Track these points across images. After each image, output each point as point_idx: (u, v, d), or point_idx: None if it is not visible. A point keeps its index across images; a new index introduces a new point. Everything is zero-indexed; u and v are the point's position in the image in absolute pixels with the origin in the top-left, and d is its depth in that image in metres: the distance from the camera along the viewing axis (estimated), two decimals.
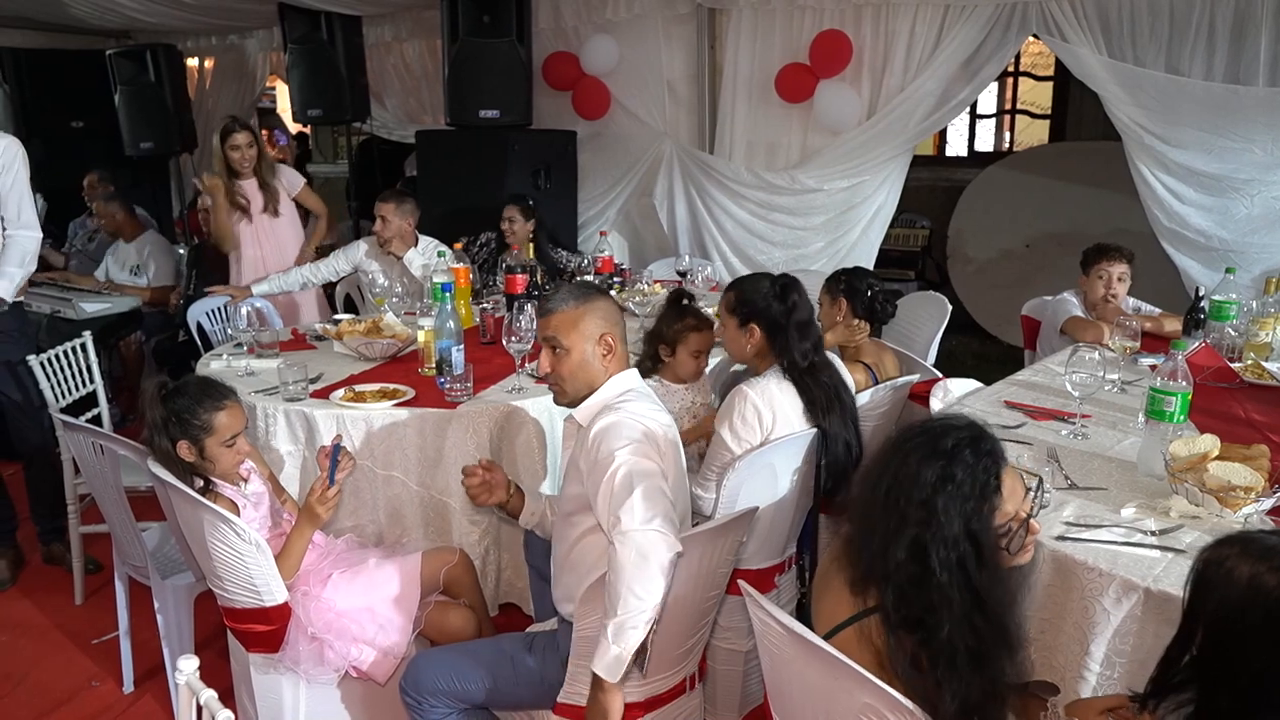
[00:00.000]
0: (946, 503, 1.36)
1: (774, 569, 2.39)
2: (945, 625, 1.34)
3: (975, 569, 1.36)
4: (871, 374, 2.80)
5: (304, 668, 2.03)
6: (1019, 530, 1.43)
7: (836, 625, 1.47)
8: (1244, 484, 1.77)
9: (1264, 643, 1.14)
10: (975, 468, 1.38)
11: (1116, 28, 3.85)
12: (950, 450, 1.39)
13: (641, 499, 1.63)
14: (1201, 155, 3.82)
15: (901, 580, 1.37)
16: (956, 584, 1.35)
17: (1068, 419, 2.34)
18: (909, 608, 1.37)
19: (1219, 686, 1.19)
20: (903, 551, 1.37)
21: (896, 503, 1.40)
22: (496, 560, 2.62)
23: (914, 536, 1.37)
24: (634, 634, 1.59)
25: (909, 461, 1.41)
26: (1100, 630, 1.61)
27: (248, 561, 1.95)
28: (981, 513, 1.37)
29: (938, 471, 1.37)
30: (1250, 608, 1.15)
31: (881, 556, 1.40)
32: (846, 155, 4.61)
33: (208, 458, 2.05)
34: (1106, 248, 3.32)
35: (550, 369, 1.89)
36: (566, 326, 1.86)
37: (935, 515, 1.36)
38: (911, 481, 1.39)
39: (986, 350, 5.94)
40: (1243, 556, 1.18)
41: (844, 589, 1.48)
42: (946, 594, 1.35)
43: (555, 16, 5.29)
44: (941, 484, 1.37)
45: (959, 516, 1.36)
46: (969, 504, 1.36)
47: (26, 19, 6.46)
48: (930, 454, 1.39)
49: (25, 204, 3.06)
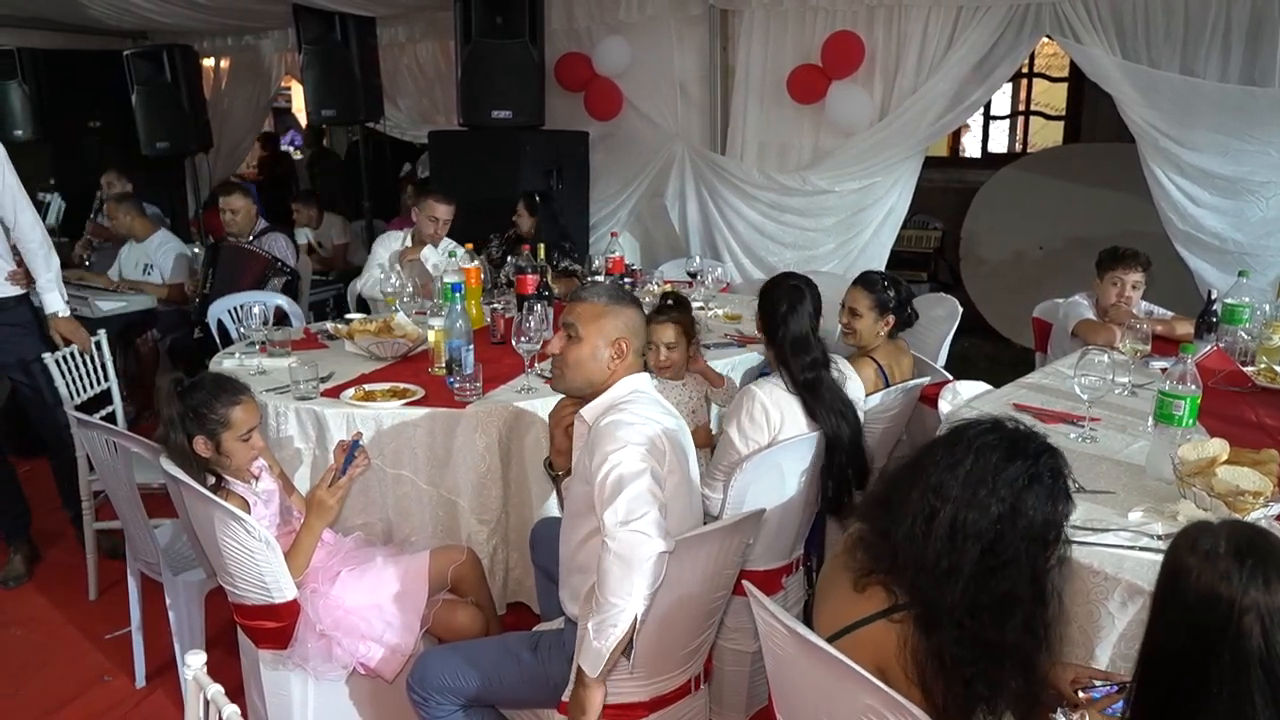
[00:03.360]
0: (1036, 502, 1.36)
1: (781, 570, 2.40)
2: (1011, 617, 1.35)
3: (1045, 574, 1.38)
4: (882, 374, 2.80)
5: (312, 664, 2.04)
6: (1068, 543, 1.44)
7: (843, 628, 1.47)
8: (1253, 488, 1.76)
9: (1160, 612, 1.14)
10: (1058, 476, 1.40)
11: (1131, 29, 3.82)
12: (1033, 452, 1.40)
13: (626, 500, 1.65)
14: (1216, 157, 3.79)
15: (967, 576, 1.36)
16: (1024, 589, 1.36)
17: (1077, 422, 2.34)
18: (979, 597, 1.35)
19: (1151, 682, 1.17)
20: (975, 545, 1.36)
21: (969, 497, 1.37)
22: (504, 559, 2.64)
23: (994, 536, 1.35)
24: (614, 631, 1.62)
25: (980, 456, 1.40)
26: (1105, 634, 1.61)
27: (257, 558, 1.97)
28: (1062, 524, 1.40)
29: (1025, 472, 1.37)
30: (1161, 576, 1.14)
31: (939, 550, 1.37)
32: (858, 156, 4.60)
33: (224, 452, 2.07)
34: (1123, 254, 3.30)
35: (558, 351, 1.92)
36: (589, 318, 1.89)
37: (1018, 517, 1.35)
38: (993, 478, 1.37)
39: (999, 353, 5.92)
40: (1181, 540, 1.16)
41: (850, 590, 1.48)
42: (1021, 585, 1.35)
43: (568, 17, 5.31)
44: (1029, 483, 1.37)
45: (1042, 519, 1.36)
46: (1052, 507, 1.38)
47: (45, 20, 6.53)
48: (1013, 452, 1.39)
49: (20, 202, 3.07)
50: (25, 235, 3.09)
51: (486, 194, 4.70)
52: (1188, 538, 1.15)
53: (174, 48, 6.21)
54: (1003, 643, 1.35)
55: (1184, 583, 1.11)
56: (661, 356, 2.67)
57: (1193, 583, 1.10)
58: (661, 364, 2.68)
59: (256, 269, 4.41)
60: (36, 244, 3.12)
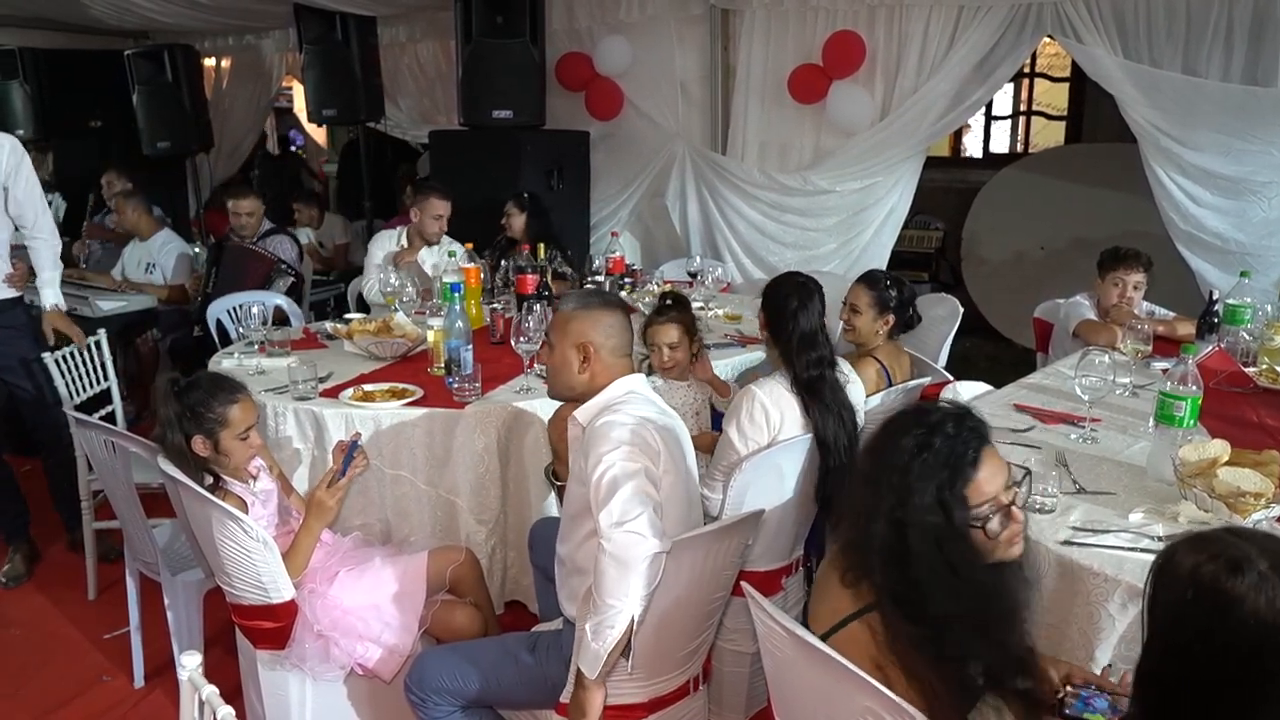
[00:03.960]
0: (921, 469, 1.34)
1: (781, 571, 2.39)
2: (930, 599, 1.33)
3: (948, 540, 1.34)
4: (885, 373, 2.79)
5: (310, 665, 2.04)
6: (997, 515, 1.38)
7: (833, 625, 1.47)
8: (1254, 490, 1.75)
9: (1205, 639, 1.06)
10: (954, 439, 1.36)
11: (1132, 28, 3.81)
12: (933, 422, 1.38)
13: (621, 501, 1.65)
14: (1218, 157, 3.77)
15: (885, 556, 1.36)
16: (931, 555, 1.33)
17: (1077, 423, 2.33)
18: (894, 584, 1.36)
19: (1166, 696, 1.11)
20: (881, 524, 1.37)
21: (878, 477, 1.39)
22: (503, 559, 2.63)
23: (891, 506, 1.36)
24: (611, 633, 1.62)
25: (893, 435, 1.41)
26: (1105, 636, 1.60)
27: (255, 559, 1.97)
28: (954, 483, 1.34)
29: (917, 440, 1.36)
30: (1192, 602, 1.07)
31: (865, 533, 1.40)
32: (859, 156, 4.59)
33: (222, 451, 2.07)
34: (1125, 254, 3.29)
35: (543, 361, 2.02)
36: (557, 325, 1.95)
37: (910, 483, 1.34)
38: (893, 452, 1.38)
39: (1000, 353, 5.91)
40: (1186, 551, 1.10)
41: (839, 587, 1.48)
42: (927, 565, 1.33)
43: (568, 17, 5.30)
44: (918, 451, 1.35)
45: (933, 485, 1.34)
46: (943, 473, 1.34)
47: (46, 19, 6.54)
48: (913, 425, 1.39)
49: (41, 207, 3.11)
50: (43, 235, 3.12)
51: (487, 194, 4.69)
52: (1226, 565, 1.07)
53: (175, 47, 6.21)
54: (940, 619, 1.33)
55: (1239, 612, 1.04)
56: (665, 357, 2.65)
57: (1249, 611, 1.03)
58: (665, 364, 2.66)
59: (261, 270, 4.41)
60: (50, 245, 3.15)
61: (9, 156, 2.99)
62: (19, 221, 3.10)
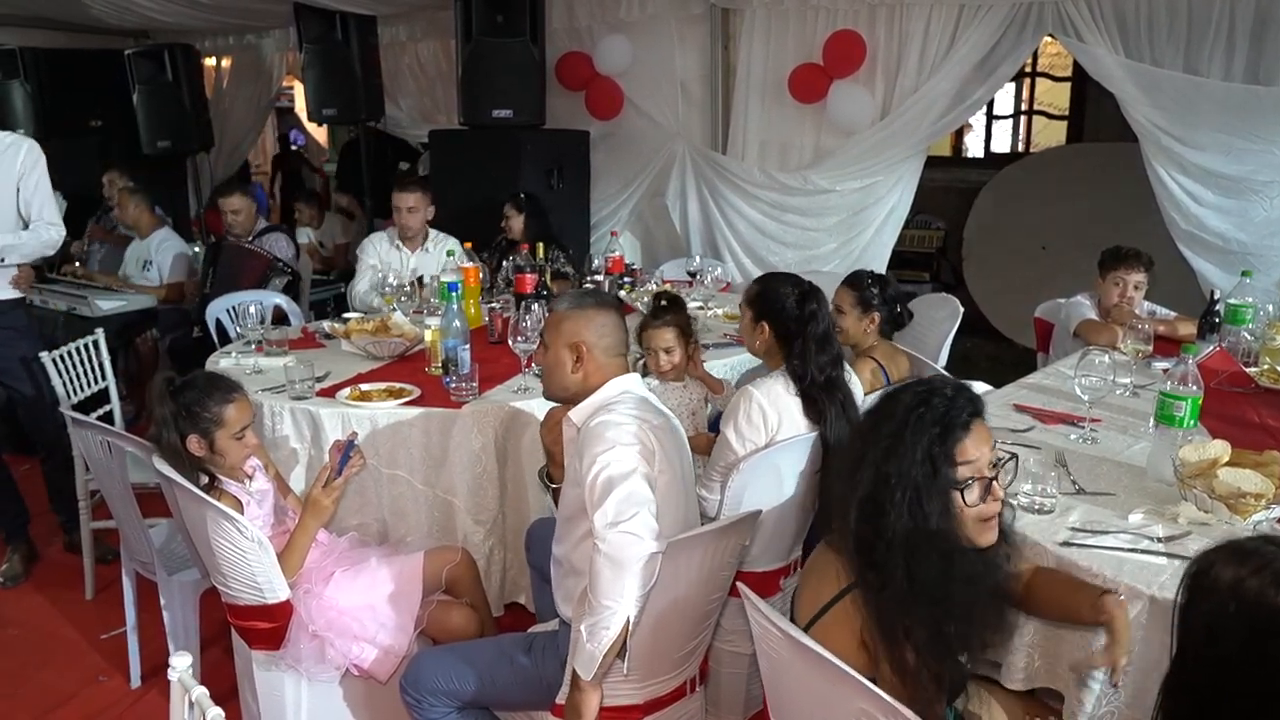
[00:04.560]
0: (916, 423, 1.39)
1: (779, 572, 2.38)
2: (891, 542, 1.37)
3: (927, 493, 1.37)
4: (883, 372, 2.78)
5: (305, 665, 2.03)
6: (978, 484, 1.41)
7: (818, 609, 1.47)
8: (1254, 490, 1.74)
9: (1247, 654, 1.05)
10: (951, 400, 1.41)
11: (1134, 27, 3.79)
12: (933, 386, 1.44)
13: (615, 501, 1.64)
14: (1220, 157, 3.76)
15: (865, 504, 1.41)
16: (909, 503, 1.37)
17: (1077, 423, 2.32)
18: (867, 534, 1.40)
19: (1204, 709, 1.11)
20: (868, 471, 1.41)
21: (873, 431, 1.45)
22: (501, 559, 2.62)
23: (880, 455, 1.40)
24: (606, 634, 1.61)
25: (892, 396, 1.47)
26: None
27: (250, 559, 1.96)
28: (944, 440, 1.39)
29: (915, 396, 1.42)
30: (1235, 615, 1.07)
31: (851, 480, 1.44)
32: (860, 156, 4.58)
33: (218, 451, 2.06)
34: (1126, 254, 3.28)
35: (538, 361, 2.02)
36: (551, 325, 1.95)
37: (903, 436, 1.39)
38: (890, 408, 1.44)
39: (1001, 353, 5.90)
40: (1227, 562, 1.10)
41: (825, 571, 1.49)
42: (899, 513, 1.37)
43: (569, 16, 5.29)
44: (915, 406, 1.41)
45: (924, 438, 1.38)
46: (934, 429, 1.39)
47: (47, 19, 6.53)
48: (914, 386, 1.46)
49: (48, 205, 3.14)
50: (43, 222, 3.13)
51: (487, 194, 4.69)
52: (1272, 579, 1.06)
53: (175, 47, 6.21)
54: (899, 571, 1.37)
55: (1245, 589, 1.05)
56: (662, 362, 2.63)
57: None
58: (662, 369, 2.64)
59: (258, 268, 4.41)
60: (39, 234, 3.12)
61: (26, 156, 3.07)
62: (27, 212, 3.13)
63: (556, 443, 2.04)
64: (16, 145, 3.07)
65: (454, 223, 4.57)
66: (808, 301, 2.30)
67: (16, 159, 3.05)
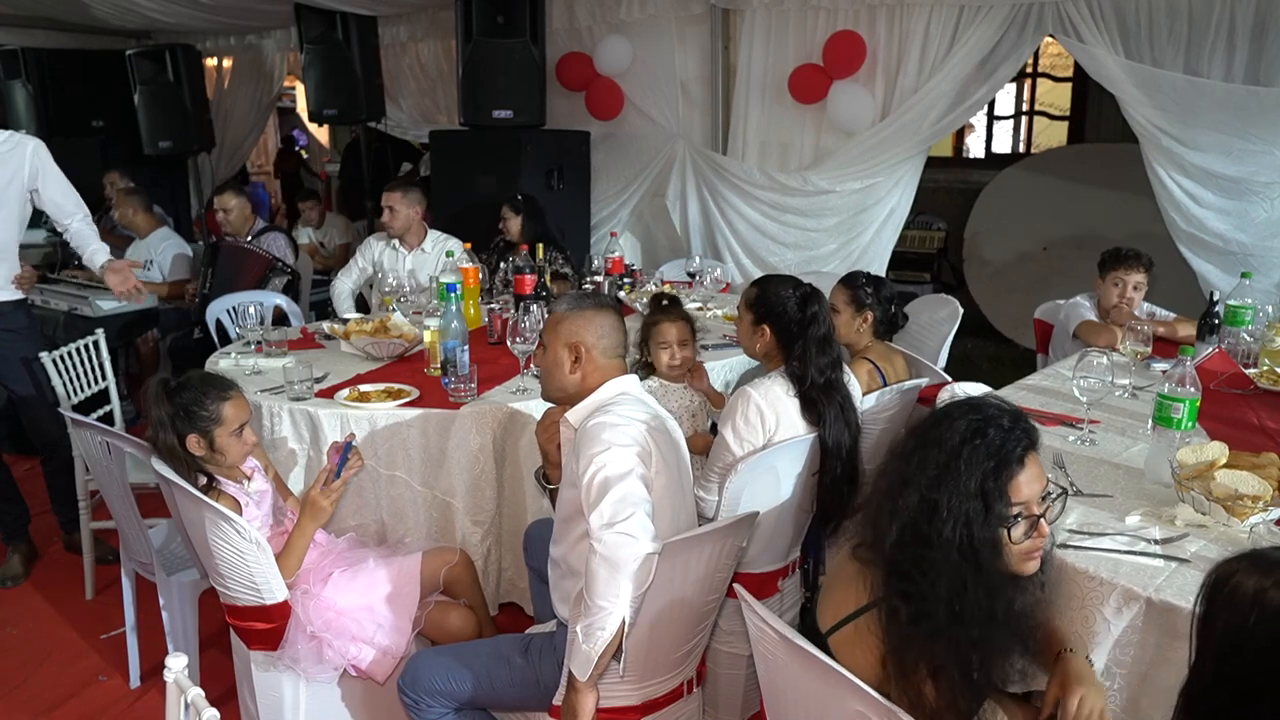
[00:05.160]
0: (971, 454, 1.35)
1: (778, 573, 2.38)
2: (936, 577, 1.33)
3: (978, 529, 1.33)
4: (879, 374, 2.78)
5: (303, 666, 2.03)
6: (1026, 522, 1.38)
7: (840, 620, 1.46)
8: (1252, 492, 1.74)
9: (1269, 665, 1.04)
10: (1008, 433, 1.36)
11: (1134, 28, 3.79)
12: (989, 414, 1.39)
13: (611, 502, 1.64)
14: (1220, 158, 3.75)
15: (908, 529, 1.36)
16: (959, 538, 1.33)
17: (1076, 424, 2.31)
18: (904, 561, 1.36)
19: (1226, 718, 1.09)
20: (915, 496, 1.36)
21: (921, 453, 1.39)
22: (498, 560, 2.62)
23: (930, 482, 1.36)
24: (602, 635, 1.61)
25: (944, 417, 1.41)
26: (1101, 640, 1.58)
27: (248, 559, 1.96)
28: (999, 476, 1.34)
29: (971, 425, 1.37)
30: (1256, 626, 1.05)
31: (892, 503, 1.39)
32: (860, 156, 4.58)
33: (218, 449, 2.06)
34: (1125, 255, 3.27)
35: (536, 362, 2.02)
36: (550, 326, 1.96)
37: (957, 464, 1.34)
38: (943, 432, 1.38)
39: (1002, 354, 5.90)
40: (1249, 572, 1.08)
41: (853, 580, 1.46)
42: (947, 548, 1.33)
43: (569, 17, 5.29)
44: (971, 436, 1.36)
45: (978, 472, 1.34)
46: (989, 462, 1.34)
47: (49, 19, 6.54)
48: (969, 412, 1.40)
49: (70, 193, 3.17)
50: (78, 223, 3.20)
51: (487, 194, 4.70)
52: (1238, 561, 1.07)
53: (176, 47, 6.22)
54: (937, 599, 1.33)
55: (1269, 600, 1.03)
56: (675, 355, 2.60)
57: None
58: (675, 363, 2.61)
59: (257, 269, 4.41)
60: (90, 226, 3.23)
61: (32, 157, 3.05)
62: (59, 213, 3.16)
63: (552, 443, 2.04)
64: (21, 145, 3.04)
65: (454, 223, 4.58)
66: (809, 304, 2.30)
67: (24, 160, 3.03)
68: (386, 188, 3.98)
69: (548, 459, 2.12)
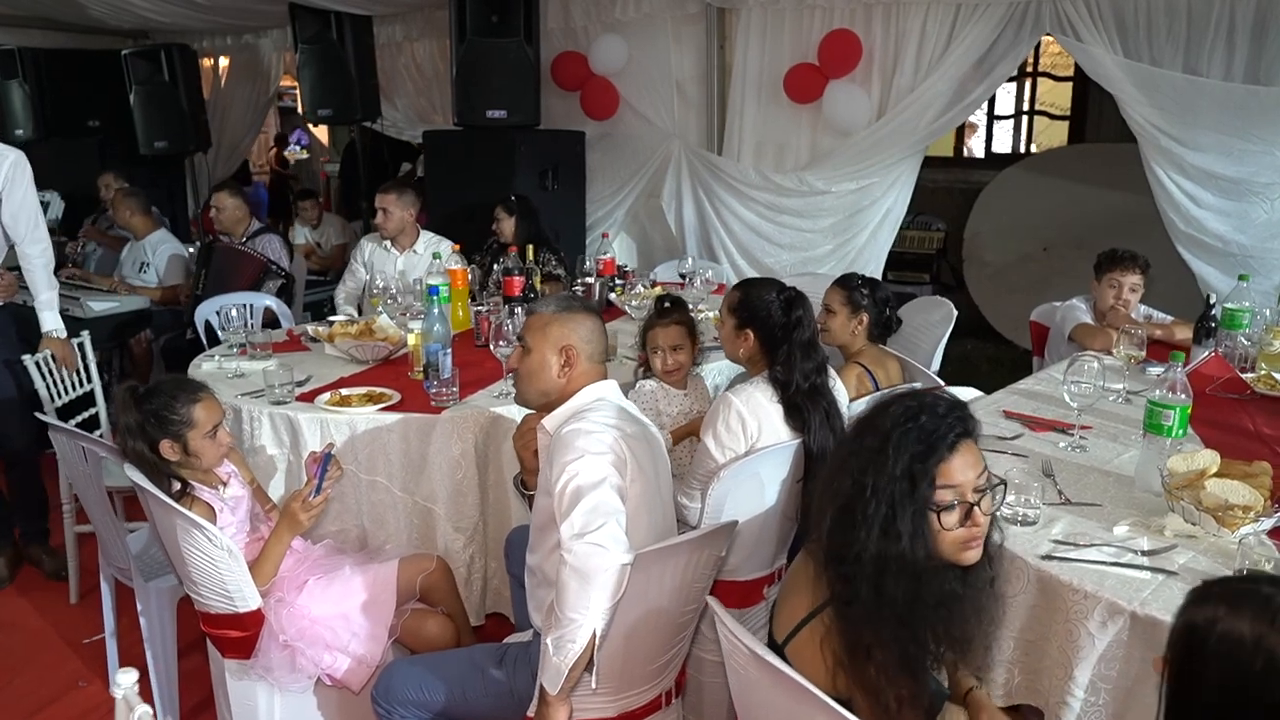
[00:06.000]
0: (901, 437, 1.35)
1: (762, 580, 2.34)
2: (861, 554, 1.33)
3: (903, 511, 1.32)
4: (871, 378, 2.74)
5: (276, 675, 2.00)
6: (958, 508, 1.35)
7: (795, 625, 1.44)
8: (1243, 503, 1.70)
9: None
10: (941, 419, 1.36)
11: (1132, 27, 3.74)
12: (925, 401, 1.39)
13: (583, 512, 1.60)
14: (1220, 158, 3.70)
15: (839, 512, 1.37)
16: (882, 517, 1.33)
17: (1067, 430, 2.27)
18: (838, 543, 1.36)
19: None
20: (846, 480, 1.38)
21: (857, 440, 1.41)
22: (483, 568, 2.59)
23: (861, 466, 1.37)
24: (572, 647, 1.57)
25: (882, 406, 1.42)
26: (1085, 654, 1.54)
27: (220, 567, 1.93)
28: (927, 459, 1.34)
29: (905, 410, 1.37)
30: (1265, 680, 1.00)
31: (829, 487, 1.41)
32: (856, 156, 4.53)
33: (192, 452, 2.03)
34: (1121, 256, 3.23)
35: (515, 365, 1.94)
36: (537, 328, 1.89)
37: (885, 449, 1.35)
38: (878, 419, 1.40)
39: (1001, 355, 5.84)
40: (1235, 615, 1.03)
41: (806, 584, 1.45)
42: (870, 525, 1.33)
43: (564, 16, 5.26)
44: (903, 420, 1.36)
45: (906, 454, 1.34)
46: (919, 445, 1.34)
47: (46, 19, 6.53)
48: (905, 399, 1.41)
49: (34, 221, 3.06)
50: (33, 255, 3.08)
51: (481, 194, 4.66)
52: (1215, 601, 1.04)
53: (172, 47, 6.20)
54: (861, 583, 1.33)
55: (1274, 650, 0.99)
56: (669, 361, 2.57)
57: None
58: (669, 368, 2.58)
59: (251, 271, 4.38)
60: (43, 264, 3.10)
61: (9, 169, 2.98)
62: (11, 233, 3.06)
63: (529, 449, 2.01)
64: (0, 158, 2.97)
65: (448, 224, 4.55)
66: (793, 308, 2.26)
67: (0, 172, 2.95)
68: (380, 189, 3.95)
69: (525, 465, 2.08)
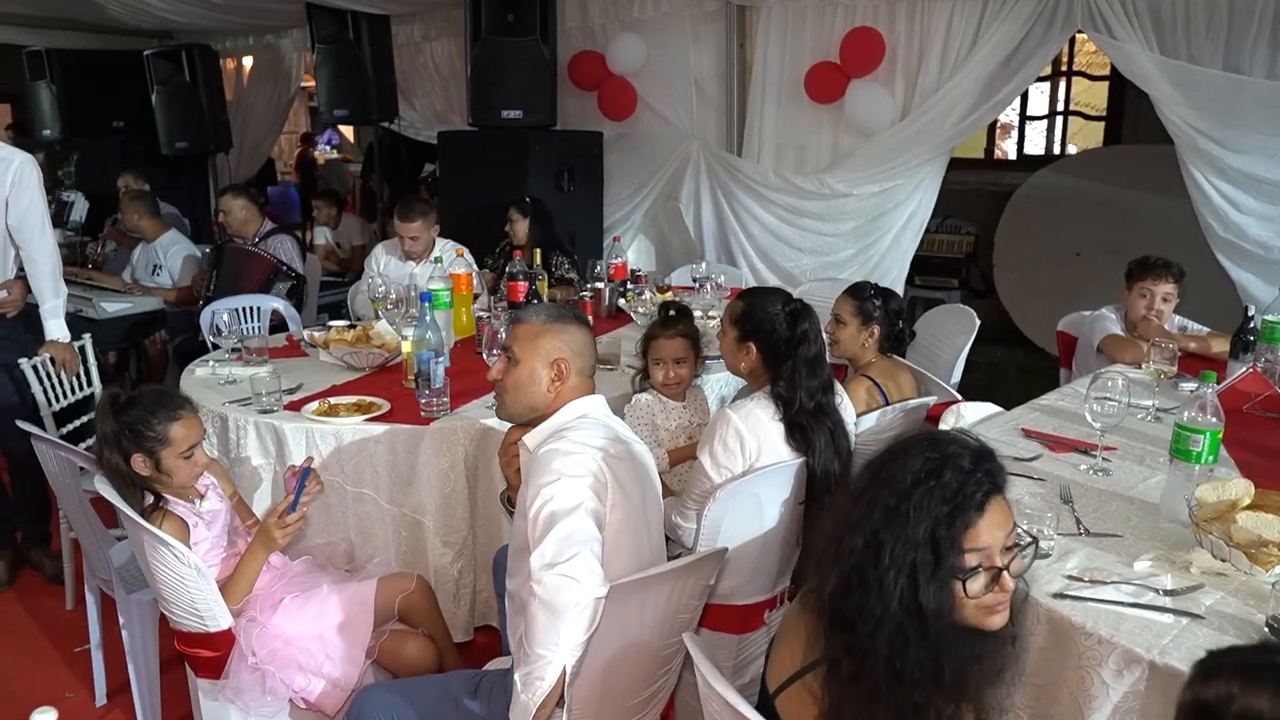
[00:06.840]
0: (923, 498, 1.20)
1: (764, 605, 2.22)
2: (876, 629, 1.19)
3: (925, 580, 1.18)
4: (880, 393, 2.61)
5: (246, 698, 1.92)
6: (985, 575, 1.21)
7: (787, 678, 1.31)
8: (1277, 539, 1.55)
9: None
10: (967, 475, 1.21)
11: (1169, 23, 3.57)
12: (948, 452, 1.23)
13: (555, 540, 1.50)
14: (1263, 160, 3.52)
15: (850, 575, 1.22)
16: (901, 590, 1.18)
17: (1090, 451, 2.12)
18: (845, 608, 1.22)
19: None
20: (860, 540, 1.22)
21: (872, 492, 1.25)
22: (472, 582, 2.50)
23: (877, 525, 1.21)
24: (541, 684, 1.47)
25: (899, 454, 1.26)
26: (1099, 705, 1.41)
27: (189, 585, 1.86)
28: (953, 523, 1.19)
29: (926, 464, 1.22)
30: None
31: (837, 545, 1.25)
32: (879, 158, 4.39)
33: (164, 470, 1.96)
34: (1153, 263, 3.06)
35: (499, 376, 1.81)
36: (526, 338, 1.79)
37: (907, 507, 1.20)
38: (896, 470, 1.24)
39: (1031, 363, 5.65)
40: (1252, 692, 0.92)
41: (801, 633, 1.31)
42: (888, 598, 1.18)
43: (582, 15, 5.17)
44: (925, 478, 1.21)
45: (929, 518, 1.19)
46: (944, 508, 1.19)
47: (70, 20, 6.57)
48: (926, 449, 1.25)
49: (41, 227, 3.01)
50: (40, 260, 3.03)
51: (496, 196, 4.58)
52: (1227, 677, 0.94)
53: (193, 48, 6.21)
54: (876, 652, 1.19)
55: None
56: (671, 374, 2.47)
57: None
58: (669, 381, 2.48)
59: (261, 272, 4.34)
60: (49, 271, 3.05)
61: (16, 171, 2.93)
62: (16, 237, 3.01)
63: (512, 466, 1.91)
64: (6, 161, 2.92)
65: (462, 225, 4.47)
66: (799, 321, 2.13)
67: (6, 174, 2.91)
68: (401, 216, 3.71)
69: (509, 482, 1.98)
